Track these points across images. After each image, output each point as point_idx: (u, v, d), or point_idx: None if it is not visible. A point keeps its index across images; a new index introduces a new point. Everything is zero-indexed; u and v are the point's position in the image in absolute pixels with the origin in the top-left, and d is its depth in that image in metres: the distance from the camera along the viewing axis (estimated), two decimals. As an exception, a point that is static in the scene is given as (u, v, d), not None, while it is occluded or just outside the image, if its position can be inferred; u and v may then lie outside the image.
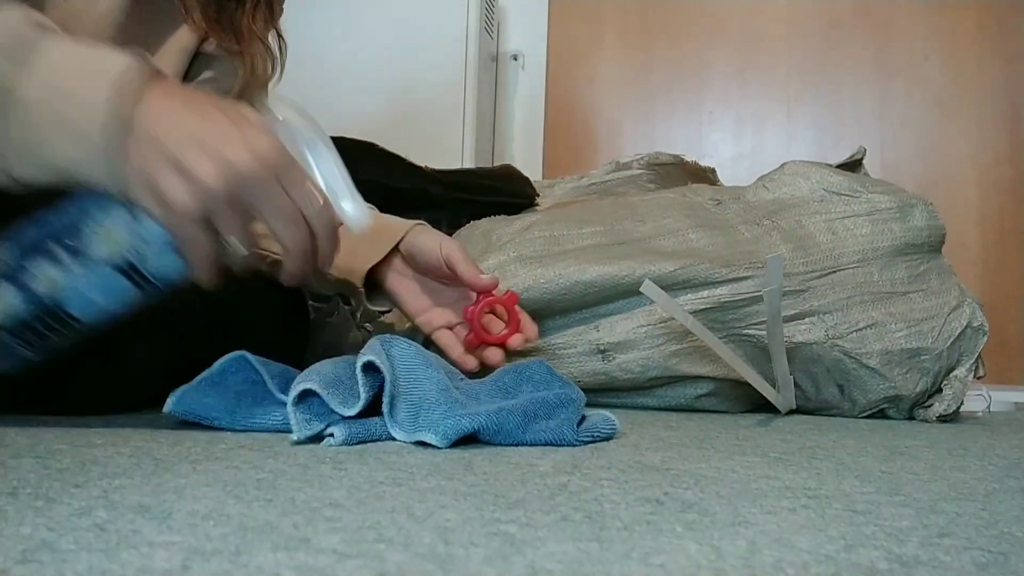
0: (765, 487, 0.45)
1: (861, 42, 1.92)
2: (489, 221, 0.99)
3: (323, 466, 0.46)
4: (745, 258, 0.88)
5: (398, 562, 0.28)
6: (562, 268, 0.86)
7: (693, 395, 0.89)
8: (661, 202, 0.99)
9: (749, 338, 0.87)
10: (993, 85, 1.86)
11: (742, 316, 0.87)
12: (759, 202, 0.97)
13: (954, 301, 0.89)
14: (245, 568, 0.27)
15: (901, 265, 0.90)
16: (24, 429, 0.56)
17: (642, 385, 0.89)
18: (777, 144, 1.95)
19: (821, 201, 0.94)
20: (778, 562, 0.30)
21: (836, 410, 0.90)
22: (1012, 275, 1.84)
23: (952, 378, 0.87)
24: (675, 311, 0.81)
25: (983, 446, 0.67)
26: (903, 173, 1.84)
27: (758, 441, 0.65)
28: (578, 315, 0.88)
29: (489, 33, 1.87)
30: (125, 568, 0.26)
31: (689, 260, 0.87)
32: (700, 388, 0.89)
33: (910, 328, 0.86)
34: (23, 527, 0.31)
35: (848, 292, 0.87)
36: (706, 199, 0.99)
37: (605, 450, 0.57)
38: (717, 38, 1.99)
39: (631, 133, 2.03)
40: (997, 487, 0.48)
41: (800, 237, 0.91)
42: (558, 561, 0.29)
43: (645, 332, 0.86)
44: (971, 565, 0.31)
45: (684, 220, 0.94)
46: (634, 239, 0.92)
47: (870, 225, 0.91)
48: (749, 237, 0.92)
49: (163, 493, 0.38)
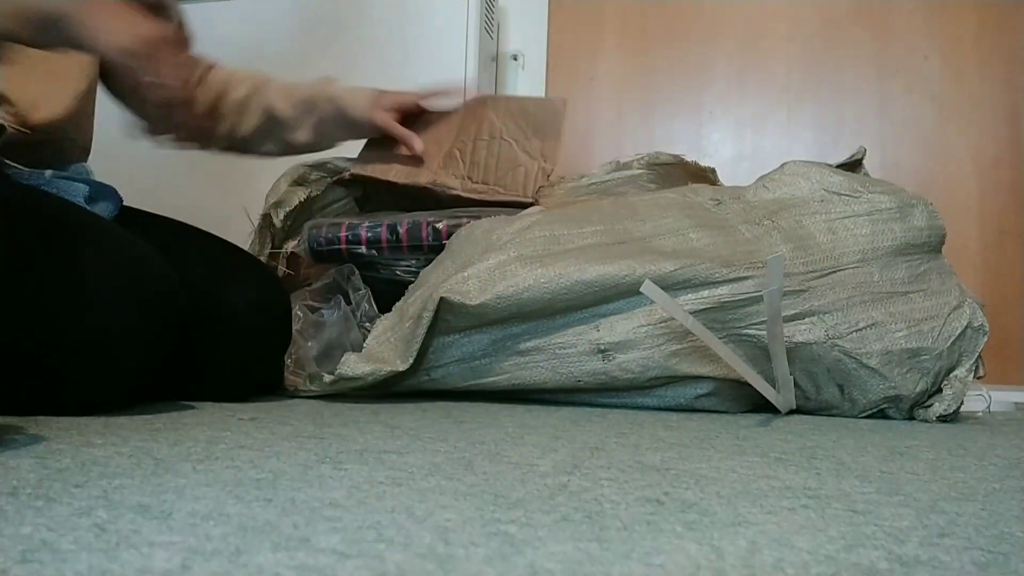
0: (765, 487, 0.45)
1: (861, 42, 1.92)
2: (490, 221, 0.99)
3: (323, 466, 0.46)
4: (745, 258, 0.88)
5: (398, 562, 0.28)
6: (562, 268, 0.86)
7: (693, 395, 0.89)
8: (661, 202, 0.99)
9: (749, 338, 0.87)
10: (993, 85, 1.86)
11: (742, 316, 0.87)
12: (759, 202, 0.97)
13: (954, 301, 0.89)
14: (245, 568, 0.27)
15: (901, 265, 0.90)
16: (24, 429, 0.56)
17: (642, 385, 0.89)
18: (777, 144, 1.95)
19: (821, 201, 0.94)
20: (778, 562, 0.30)
21: (836, 410, 0.90)
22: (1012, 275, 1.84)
23: (952, 378, 0.87)
24: (675, 311, 0.81)
25: (983, 446, 0.67)
26: (903, 173, 1.84)
27: (758, 441, 0.65)
28: (578, 315, 0.88)
29: (489, 33, 1.87)
30: (125, 568, 0.26)
31: (689, 260, 0.87)
32: (700, 388, 0.89)
33: (910, 328, 0.86)
34: (23, 527, 0.31)
35: (848, 292, 0.87)
36: (706, 199, 0.99)
37: (605, 450, 0.57)
38: (717, 38, 1.99)
39: (631, 133, 2.03)
40: (997, 487, 0.48)
41: (800, 237, 0.91)
42: (558, 561, 0.29)
43: (645, 332, 0.86)
44: (971, 565, 0.31)
45: (684, 220, 0.94)
46: (634, 239, 0.92)
47: (870, 225, 0.91)
48: (749, 237, 0.92)
49: (163, 493, 0.38)
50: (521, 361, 0.89)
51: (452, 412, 0.79)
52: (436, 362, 0.91)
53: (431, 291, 0.88)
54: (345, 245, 1.06)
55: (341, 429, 0.63)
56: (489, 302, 0.85)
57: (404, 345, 0.88)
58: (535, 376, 0.89)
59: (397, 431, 0.63)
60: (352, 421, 0.69)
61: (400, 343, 0.89)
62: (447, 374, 0.91)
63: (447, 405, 0.87)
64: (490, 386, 0.90)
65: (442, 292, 0.86)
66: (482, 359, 0.90)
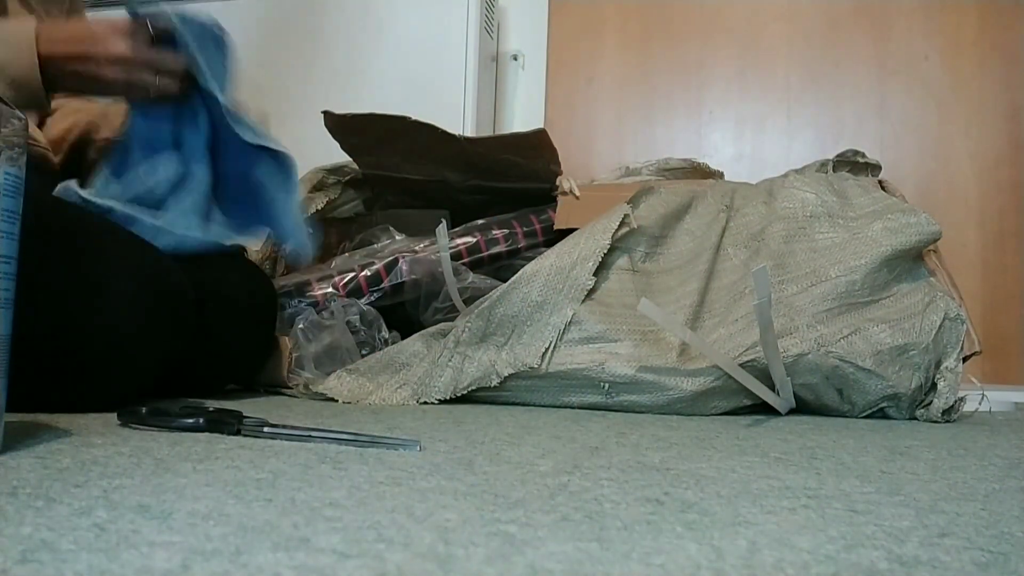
0: (765, 487, 0.45)
1: (861, 42, 1.92)
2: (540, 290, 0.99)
3: (323, 466, 0.46)
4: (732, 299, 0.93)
5: (398, 562, 0.28)
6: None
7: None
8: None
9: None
10: (993, 85, 1.86)
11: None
12: (756, 217, 1.00)
13: (926, 297, 0.90)
14: (245, 568, 0.27)
15: (883, 273, 0.91)
16: (24, 429, 0.56)
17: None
18: (777, 144, 1.95)
19: (814, 217, 0.97)
20: (778, 562, 0.30)
21: (835, 411, 0.90)
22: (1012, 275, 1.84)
23: (943, 370, 0.88)
24: (673, 327, 0.82)
25: (983, 446, 0.67)
26: (903, 173, 1.84)
27: (758, 441, 0.65)
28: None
29: (489, 33, 1.87)
30: (125, 568, 0.26)
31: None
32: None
33: (892, 328, 0.88)
34: (23, 527, 0.31)
35: (828, 304, 0.89)
36: (719, 202, 1.02)
37: (605, 450, 0.57)
38: (717, 38, 1.99)
39: (631, 133, 2.03)
40: (997, 487, 0.48)
41: (782, 255, 0.94)
42: (558, 561, 0.29)
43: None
44: (971, 565, 0.31)
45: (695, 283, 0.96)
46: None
47: (859, 244, 0.93)
48: (737, 263, 0.96)
49: (163, 493, 0.38)
50: (525, 384, 0.89)
51: (452, 412, 0.79)
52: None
53: (493, 364, 0.89)
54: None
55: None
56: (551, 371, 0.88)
57: (414, 385, 0.89)
58: (537, 399, 0.90)
59: (397, 431, 0.63)
60: (352, 421, 0.69)
61: (409, 380, 0.90)
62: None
63: (447, 406, 0.87)
64: (489, 399, 0.91)
65: (510, 370, 0.88)
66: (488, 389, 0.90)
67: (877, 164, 1.11)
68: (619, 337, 0.88)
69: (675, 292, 0.96)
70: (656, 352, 0.87)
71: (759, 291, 0.76)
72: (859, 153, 1.12)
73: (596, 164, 1.99)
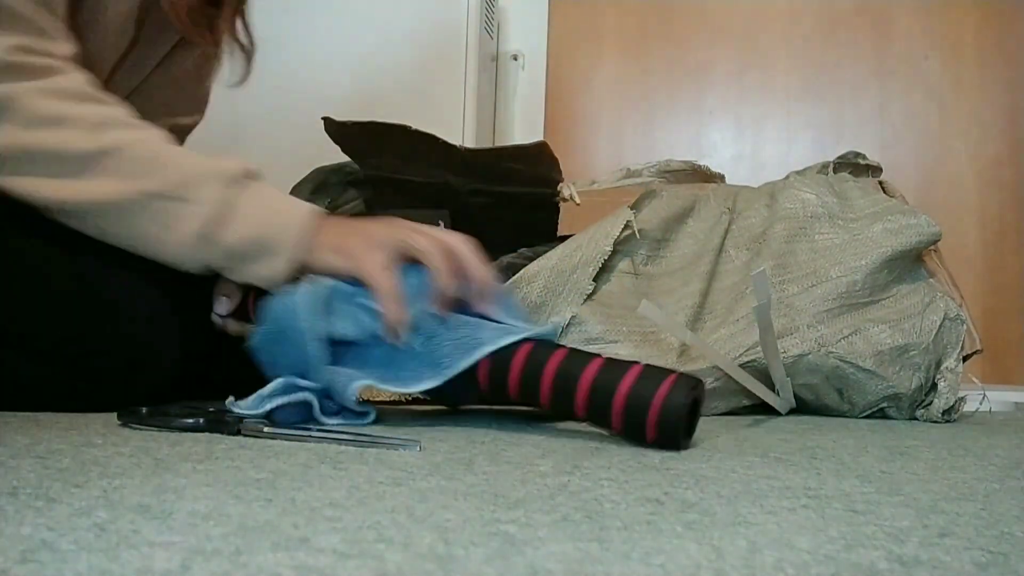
0: (765, 487, 0.45)
1: (861, 42, 1.92)
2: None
3: (323, 466, 0.46)
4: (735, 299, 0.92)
5: (398, 562, 0.28)
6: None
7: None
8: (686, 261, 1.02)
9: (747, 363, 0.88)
10: (993, 85, 1.86)
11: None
12: (758, 220, 1.00)
13: (926, 298, 0.90)
14: (245, 568, 0.27)
15: (883, 274, 0.91)
16: (24, 429, 0.56)
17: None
18: (777, 144, 1.95)
19: (811, 217, 0.97)
20: (778, 562, 0.30)
21: (835, 411, 0.90)
22: (1012, 275, 1.84)
23: (944, 370, 0.88)
24: (673, 328, 0.82)
25: (983, 446, 0.67)
26: (903, 173, 1.84)
27: (758, 441, 0.65)
28: None
29: (489, 33, 1.87)
30: (125, 568, 0.26)
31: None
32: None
33: (892, 328, 0.88)
34: (23, 527, 0.31)
35: (829, 304, 0.89)
36: (721, 205, 1.03)
37: (605, 450, 0.57)
38: (717, 38, 1.99)
39: (631, 133, 2.03)
40: (997, 487, 0.48)
41: (783, 254, 0.94)
42: (558, 561, 0.29)
43: None
44: (971, 565, 0.31)
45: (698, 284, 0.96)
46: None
47: (860, 246, 0.92)
48: (739, 264, 0.96)
49: (163, 493, 0.38)
50: None
51: (452, 412, 0.79)
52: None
53: None
54: None
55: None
56: None
57: None
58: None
59: (397, 431, 0.63)
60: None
61: None
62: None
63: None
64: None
65: None
66: None
67: (878, 166, 1.11)
68: (619, 338, 0.88)
69: (676, 294, 0.95)
70: (656, 353, 0.87)
71: (758, 294, 0.76)
72: (860, 155, 1.12)
73: (596, 164, 1.99)
